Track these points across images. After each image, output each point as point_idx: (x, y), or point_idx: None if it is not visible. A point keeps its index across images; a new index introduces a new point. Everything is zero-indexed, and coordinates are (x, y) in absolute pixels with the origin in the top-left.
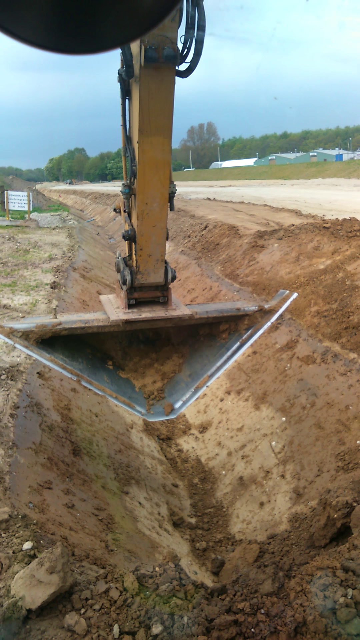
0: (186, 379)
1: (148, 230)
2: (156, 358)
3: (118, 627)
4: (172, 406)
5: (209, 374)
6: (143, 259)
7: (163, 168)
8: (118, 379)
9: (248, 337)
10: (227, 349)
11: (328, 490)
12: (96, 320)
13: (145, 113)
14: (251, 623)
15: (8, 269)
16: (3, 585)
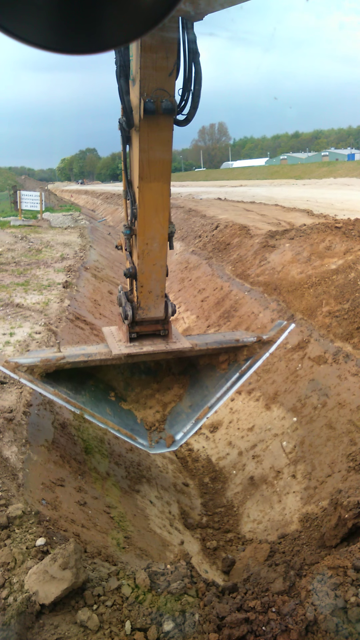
0: (187, 409)
1: (148, 269)
2: (157, 388)
3: (130, 624)
4: (173, 438)
5: (209, 405)
6: (144, 295)
7: (162, 211)
8: (120, 411)
9: (247, 368)
10: (227, 380)
11: (339, 491)
12: (99, 354)
13: (145, 161)
14: (262, 621)
15: (21, 268)
16: (17, 581)
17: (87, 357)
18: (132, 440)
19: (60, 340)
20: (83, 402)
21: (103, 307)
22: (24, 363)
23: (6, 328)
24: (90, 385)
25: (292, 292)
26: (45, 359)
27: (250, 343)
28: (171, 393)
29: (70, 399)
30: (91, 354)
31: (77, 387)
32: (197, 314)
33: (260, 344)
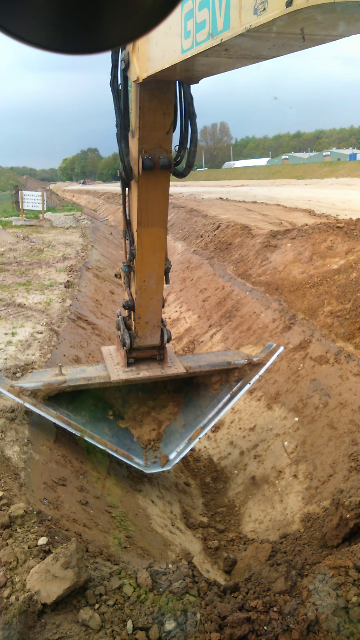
0: (180, 429)
1: (146, 302)
2: (153, 406)
3: (132, 623)
4: (167, 457)
5: (201, 426)
6: (141, 326)
7: (159, 251)
8: (118, 430)
9: (238, 390)
10: (219, 401)
11: (341, 491)
12: (98, 378)
13: (143, 209)
14: (264, 621)
15: (23, 268)
16: (19, 580)
17: (87, 381)
18: (128, 460)
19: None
20: (83, 423)
21: (105, 307)
22: (28, 387)
23: (8, 328)
24: (90, 405)
25: (293, 292)
26: (47, 383)
27: (241, 365)
28: (166, 411)
29: (71, 421)
30: (91, 378)
31: (77, 408)
32: (199, 313)
33: (250, 366)
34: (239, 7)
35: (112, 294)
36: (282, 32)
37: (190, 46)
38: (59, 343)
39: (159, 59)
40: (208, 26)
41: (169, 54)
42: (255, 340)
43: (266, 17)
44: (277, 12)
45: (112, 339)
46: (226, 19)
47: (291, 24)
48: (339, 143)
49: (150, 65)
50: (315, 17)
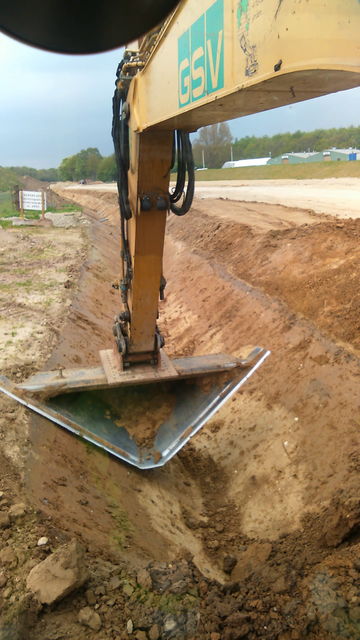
0: (173, 428)
1: (141, 316)
2: (148, 406)
3: (132, 623)
4: (160, 455)
5: (192, 425)
6: (136, 335)
7: (155, 275)
8: (114, 429)
9: (227, 391)
10: (209, 402)
11: (340, 491)
12: (96, 380)
13: (140, 240)
14: (264, 621)
15: (23, 268)
16: (19, 580)
17: (86, 384)
18: (124, 457)
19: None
20: (82, 422)
21: (105, 307)
22: (31, 390)
23: (8, 328)
24: (89, 405)
25: (293, 291)
26: (49, 386)
27: (230, 368)
28: (160, 411)
29: (70, 421)
30: (89, 380)
31: (76, 408)
32: (199, 313)
33: (239, 369)
34: (232, 68)
35: (112, 294)
36: (272, 90)
37: (187, 101)
38: (59, 343)
39: (158, 111)
40: (203, 83)
41: (167, 107)
42: (255, 340)
43: (257, 78)
44: (267, 75)
45: (112, 338)
46: (220, 78)
47: (280, 84)
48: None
49: (150, 116)
50: (303, 79)
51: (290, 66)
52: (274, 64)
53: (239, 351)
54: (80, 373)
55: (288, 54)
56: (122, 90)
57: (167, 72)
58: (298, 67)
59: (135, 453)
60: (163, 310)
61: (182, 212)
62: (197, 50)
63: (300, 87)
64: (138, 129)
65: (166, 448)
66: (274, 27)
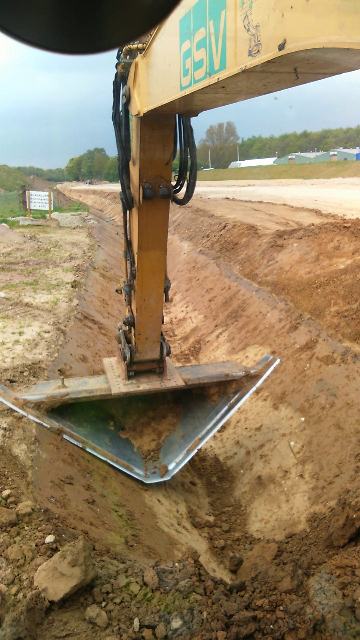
0: (179, 440)
1: (145, 320)
2: (153, 416)
3: (138, 621)
4: (166, 468)
5: (199, 437)
6: (141, 341)
7: (159, 273)
8: (119, 441)
9: (235, 402)
10: (217, 412)
11: (347, 491)
12: (99, 390)
13: (143, 234)
14: (270, 620)
15: (30, 267)
16: (26, 577)
17: (89, 394)
18: (129, 471)
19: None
20: (85, 434)
21: (111, 307)
22: (32, 400)
23: (15, 327)
24: (92, 416)
25: (300, 291)
26: (50, 396)
27: (238, 377)
28: (166, 422)
29: (73, 433)
30: (92, 390)
31: (79, 419)
32: (205, 313)
33: (248, 377)
34: (235, 48)
35: (118, 294)
36: (276, 71)
37: (189, 83)
38: (66, 342)
39: (159, 95)
40: (205, 65)
41: (168, 90)
42: (262, 340)
43: (260, 58)
44: (271, 55)
45: None
46: (222, 59)
47: (284, 65)
48: (345, 143)
49: (151, 100)
50: (307, 59)
51: (295, 45)
52: (278, 44)
53: (245, 351)
54: (83, 382)
55: (293, 32)
56: (123, 73)
57: (169, 55)
58: (303, 46)
59: (140, 466)
60: (169, 310)
61: (185, 200)
62: (199, 31)
63: (304, 68)
64: (139, 112)
65: (172, 461)
66: (278, 5)
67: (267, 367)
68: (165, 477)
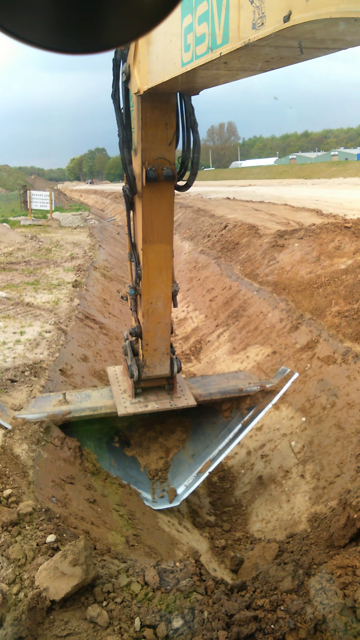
0: (189, 459)
1: (153, 327)
2: (160, 431)
3: (139, 620)
4: (175, 492)
5: (211, 458)
6: (149, 353)
7: (166, 271)
8: (124, 460)
9: (250, 419)
10: (229, 430)
11: (348, 491)
12: (104, 407)
13: (148, 225)
14: (271, 619)
15: (31, 267)
16: (27, 577)
17: (93, 411)
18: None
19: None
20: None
21: (112, 306)
22: (31, 419)
23: (17, 327)
24: (95, 432)
25: (301, 292)
26: (51, 414)
27: (253, 392)
28: (174, 437)
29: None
30: (96, 408)
31: (82, 436)
32: (206, 313)
33: (263, 393)
34: (238, 21)
35: (119, 293)
36: (280, 46)
37: (190, 59)
38: (67, 342)
39: (160, 72)
40: (207, 40)
41: (169, 67)
42: (263, 340)
43: (264, 31)
44: (275, 27)
45: (119, 338)
46: (225, 33)
47: (289, 38)
48: (346, 143)
49: (151, 77)
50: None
51: (301, 17)
52: (283, 15)
53: (246, 351)
54: (86, 396)
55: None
56: (122, 51)
57: (169, 30)
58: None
59: (147, 489)
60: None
61: (191, 179)
62: (201, 4)
63: (309, 43)
64: (139, 90)
65: (181, 484)
66: None
67: (285, 382)
68: (174, 503)
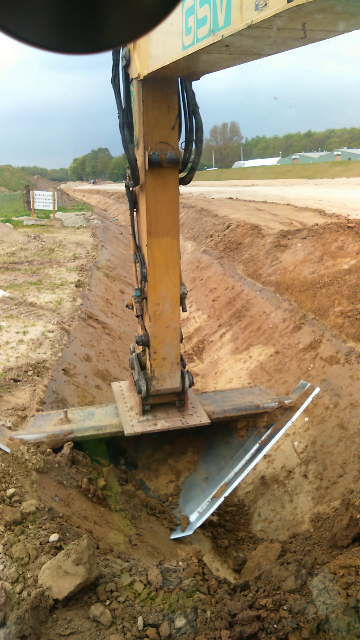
0: (202, 483)
1: (161, 332)
2: (170, 451)
3: (142, 619)
4: (187, 519)
5: (226, 482)
6: (158, 363)
7: (173, 267)
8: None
9: (268, 438)
10: (246, 451)
11: (351, 491)
12: (109, 427)
13: (153, 216)
14: (274, 619)
15: (34, 267)
16: (30, 576)
17: (97, 431)
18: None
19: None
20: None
21: (115, 306)
22: (30, 440)
23: (20, 327)
24: (100, 453)
25: (304, 292)
26: (51, 435)
27: (271, 409)
28: (185, 459)
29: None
30: (100, 427)
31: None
32: (208, 313)
33: (282, 410)
34: (240, 3)
35: (122, 294)
36: (283, 27)
37: (191, 43)
38: (70, 342)
39: (160, 56)
40: (209, 22)
41: (169, 51)
42: (265, 340)
43: (267, 12)
44: (279, 8)
45: (122, 338)
46: (227, 15)
47: (292, 20)
48: (349, 142)
49: (151, 62)
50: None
51: None
52: None
53: (249, 351)
54: (89, 414)
55: None
56: None
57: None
58: None
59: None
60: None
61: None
62: None
63: (312, 25)
64: (139, 75)
65: (194, 510)
66: None
67: (305, 397)
68: (186, 532)
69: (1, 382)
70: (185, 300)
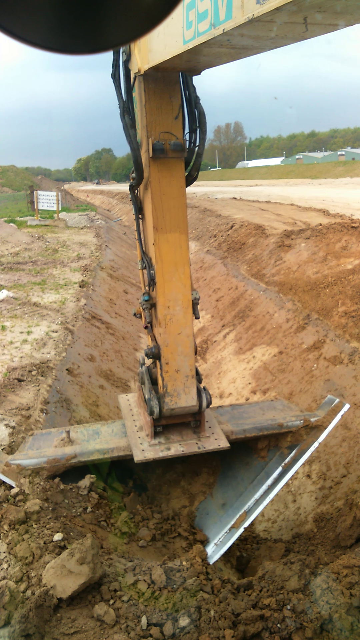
0: (219, 510)
1: (173, 339)
2: (182, 472)
3: (146, 619)
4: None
5: (246, 510)
6: (170, 376)
7: (182, 265)
8: None
9: (292, 461)
10: (267, 475)
11: (354, 491)
12: (117, 449)
13: (159, 210)
14: (277, 619)
15: (38, 267)
16: (35, 575)
17: (102, 455)
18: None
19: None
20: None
21: (119, 307)
22: (28, 465)
23: (24, 327)
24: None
25: (307, 292)
26: (52, 459)
27: (295, 428)
28: (199, 481)
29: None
30: (107, 450)
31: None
32: (212, 313)
33: (307, 429)
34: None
35: (125, 294)
36: (285, 21)
37: (192, 37)
38: (74, 342)
39: (161, 50)
40: (210, 16)
41: (170, 45)
42: (269, 341)
43: (269, 5)
44: (280, 1)
45: (126, 338)
46: (228, 8)
47: (294, 13)
48: (353, 142)
49: (152, 56)
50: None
51: None
52: None
53: (252, 351)
54: (94, 433)
55: None
56: None
57: None
58: None
59: None
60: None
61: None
62: None
63: (314, 19)
64: (139, 70)
65: (211, 541)
66: None
67: (333, 415)
68: None
69: (5, 381)
70: (197, 306)
